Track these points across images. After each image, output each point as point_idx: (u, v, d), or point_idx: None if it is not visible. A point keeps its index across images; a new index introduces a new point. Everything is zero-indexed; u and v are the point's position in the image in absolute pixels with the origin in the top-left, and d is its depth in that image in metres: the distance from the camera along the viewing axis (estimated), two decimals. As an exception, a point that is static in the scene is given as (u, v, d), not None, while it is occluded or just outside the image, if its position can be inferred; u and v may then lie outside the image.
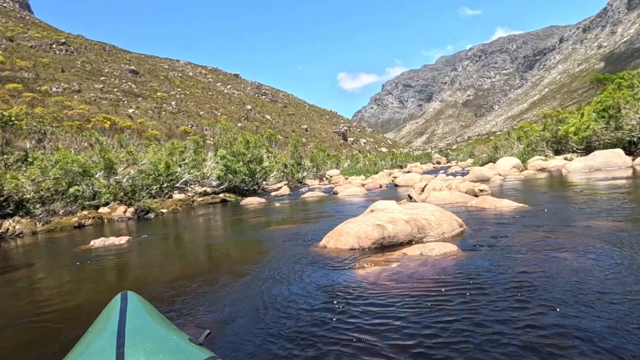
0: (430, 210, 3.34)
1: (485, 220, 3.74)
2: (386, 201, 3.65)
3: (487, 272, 2.18)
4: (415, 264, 2.41)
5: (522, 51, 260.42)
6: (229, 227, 6.11)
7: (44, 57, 48.08)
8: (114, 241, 4.90)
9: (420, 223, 3.11)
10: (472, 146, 55.95)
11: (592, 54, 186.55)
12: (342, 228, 3.22)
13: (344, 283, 2.24)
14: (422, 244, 2.66)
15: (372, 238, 2.95)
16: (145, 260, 3.92)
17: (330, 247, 3.16)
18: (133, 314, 1.04)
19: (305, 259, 2.97)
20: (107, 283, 3.08)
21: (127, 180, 10.64)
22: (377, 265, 2.49)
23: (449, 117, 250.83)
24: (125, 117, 38.76)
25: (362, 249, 2.98)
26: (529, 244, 2.74)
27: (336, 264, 2.68)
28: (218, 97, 70.33)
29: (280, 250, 3.47)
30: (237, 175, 13.05)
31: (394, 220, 3.09)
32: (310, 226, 4.70)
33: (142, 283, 2.94)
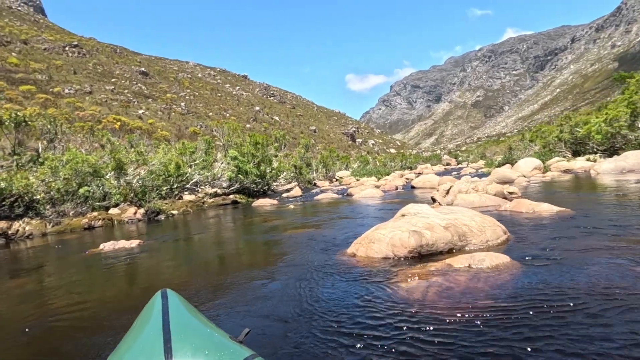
0: (469, 215, 3.03)
1: (528, 226, 3.41)
2: (418, 204, 3.34)
3: (553, 290, 1.87)
4: (465, 278, 2.10)
5: (533, 51, 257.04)
6: (243, 230, 5.86)
7: (56, 60, 48.80)
8: (125, 245, 4.67)
9: (460, 229, 2.80)
10: (483, 147, 55.09)
11: (606, 54, 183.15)
12: (373, 234, 2.92)
13: (385, 299, 1.94)
14: (469, 253, 2.35)
15: (408, 246, 2.65)
16: (157, 266, 3.68)
17: (361, 255, 2.87)
18: (175, 310, 1.05)
19: (335, 269, 2.68)
20: (117, 289, 2.84)
21: (137, 181, 10.49)
22: (419, 278, 2.19)
23: (458, 118, 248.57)
24: (136, 118, 39.06)
25: (397, 258, 2.69)
26: (588, 254, 2.41)
27: (371, 276, 2.39)
28: (227, 98, 70.64)
29: (303, 257, 3.19)
30: (248, 176, 12.83)
31: (431, 226, 2.79)
32: (331, 231, 4.41)
33: (154, 290, 2.70)
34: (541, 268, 2.20)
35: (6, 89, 33.09)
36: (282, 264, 3.08)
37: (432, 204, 5.56)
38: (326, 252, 3.26)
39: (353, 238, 3.66)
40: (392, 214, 5.43)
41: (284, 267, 2.95)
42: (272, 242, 4.30)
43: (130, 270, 3.62)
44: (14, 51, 46.82)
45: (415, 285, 2.09)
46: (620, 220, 3.43)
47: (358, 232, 4.00)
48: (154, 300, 1.14)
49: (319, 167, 22.75)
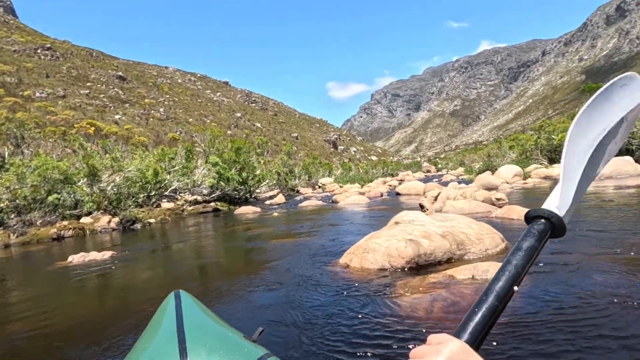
0: (465, 222, 2.91)
1: (521, 232, 3.33)
2: (413, 212, 3.21)
3: (563, 303, 1.75)
4: (470, 290, 1.96)
5: (507, 63, 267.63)
6: (225, 239, 5.57)
7: (27, 62, 46.84)
8: (96, 256, 4.32)
9: (458, 238, 2.67)
10: (461, 155, 56.42)
11: (574, 67, 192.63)
12: (367, 244, 2.75)
13: (388, 317, 1.77)
14: (471, 264, 2.21)
15: (405, 256, 2.50)
16: (131, 280, 3.38)
17: (355, 266, 2.69)
18: (188, 311, 1.04)
19: (327, 282, 2.49)
20: (86, 306, 2.55)
21: (112, 188, 9.98)
22: (422, 291, 2.03)
23: (436, 126, 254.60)
24: (112, 124, 37.82)
25: (394, 269, 2.52)
26: (588, 262, 2.33)
27: (369, 290, 2.21)
28: (207, 104, 69.64)
29: (291, 268, 2.98)
30: (230, 183, 12.49)
31: (428, 235, 2.65)
32: (320, 239, 4.21)
33: (127, 306, 2.42)
34: (546, 279, 2.09)
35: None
36: (269, 276, 2.87)
37: (421, 211, 5.47)
38: (317, 263, 3.07)
39: (344, 247, 3.48)
40: (381, 221, 5.31)
41: (270, 280, 2.74)
42: (256, 252, 4.06)
43: (101, 284, 3.30)
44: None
45: (418, 300, 1.93)
46: (611, 225, 3.42)
47: (349, 240, 3.83)
48: (167, 302, 1.14)
49: (301, 174, 22.55)
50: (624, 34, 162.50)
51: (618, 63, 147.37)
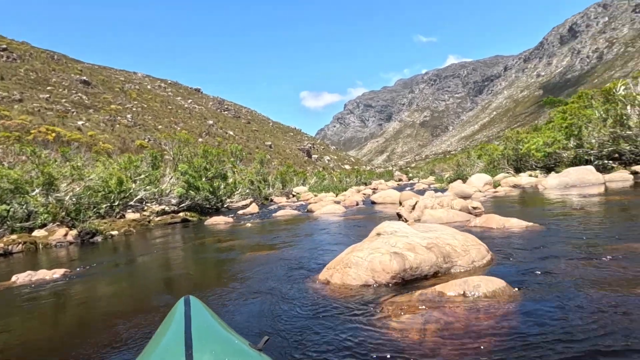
0: (449, 233, 2.80)
1: (505, 243, 3.27)
2: (395, 222, 3.06)
3: (567, 322, 1.64)
4: (463, 309, 1.81)
5: (472, 77, 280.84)
6: (194, 252, 5.21)
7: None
8: (45, 275, 3.85)
9: (444, 250, 2.55)
10: (432, 164, 58.05)
11: (532, 82, 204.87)
12: (348, 258, 2.57)
13: (376, 342, 1.58)
14: (461, 278, 2.08)
15: (390, 271, 2.34)
16: (84, 301, 2.99)
17: (336, 282, 2.49)
18: (197, 317, 1.04)
19: (307, 300, 2.28)
20: (28, 334, 2.18)
21: (70, 198, 9.25)
22: (411, 311, 1.87)
23: (407, 136, 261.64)
24: (74, 130, 35.87)
25: (379, 285, 2.35)
26: (580, 272, 2.27)
27: (353, 309, 2.02)
28: (178, 111, 67.79)
29: (266, 285, 2.74)
30: (200, 192, 11.97)
31: (412, 247, 2.51)
32: (297, 252, 3.98)
33: (76, 332, 2.09)
34: (541, 294, 1.99)
35: None
36: (240, 293, 2.61)
37: (399, 220, 5.37)
38: (294, 279, 2.84)
39: (323, 260, 3.28)
40: (359, 231, 5.16)
41: (242, 298, 2.49)
42: (227, 266, 3.77)
43: (48, 308, 2.90)
44: None
45: (408, 321, 1.76)
46: (591, 233, 3.43)
47: (328, 253, 3.64)
48: (176, 307, 1.14)
49: (276, 183, 22.19)
50: (575, 53, 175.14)
51: (571, 80, 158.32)
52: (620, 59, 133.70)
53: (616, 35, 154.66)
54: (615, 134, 10.45)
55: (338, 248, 3.73)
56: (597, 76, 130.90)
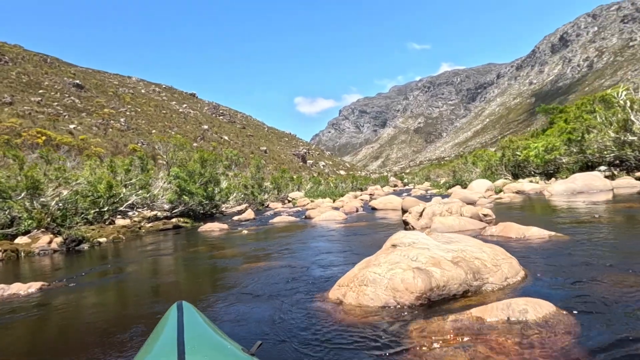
0: (475, 244, 2.49)
1: (532, 256, 2.96)
2: (411, 232, 2.74)
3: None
4: (513, 342, 1.49)
5: (465, 84, 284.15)
6: (185, 263, 4.83)
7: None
8: (19, 289, 3.46)
9: (473, 265, 2.23)
10: (427, 170, 58.06)
11: (525, 90, 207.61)
12: (364, 274, 2.24)
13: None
14: (503, 301, 1.76)
15: (415, 290, 2.01)
16: (59, 325, 2.62)
17: (350, 303, 2.15)
18: (190, 323, 1.04)
19: (318, 326, 1.94)
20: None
21: (56, 203, 8.80)
22: (445, 342, 1.54)
23: (402, 142, 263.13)
24: (65, 133, 35.22)
25: (401, 306, 2.02)
26: (637, 295, 1.96)
27: (374, 339, 1.69)
28: (172, 115, 67.21)
29: (270, 305, 2.39)
30: (194, 197, 11.56)
31: (437, 262, 2.19)
32: (300, 264, 3.64)
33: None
34: (601, 321, 1.67)
35: None
36: (238, 312, 2.27)
37: (405, 227, 5.06)
38: (300, 297, 2.50)
39: (331, 275, 2.95)
40: (365, 240, 4.83)
41: (240, 318, 2.14)
42: (222, 280, 3.41)
43: (18, 329, 2.52)
44: None
45: (444, 356, 1.43)
46: (623, 244, 3.15)
47: (335, 266, 3.30)
48: (169, 313, 1.13)
49: (271, 189, 21.80)
50: (567, 62, 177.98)
51: (562, 87, 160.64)
52: (610, 67, 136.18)
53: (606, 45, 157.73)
54: (619, 140, 10.31)
55: (346, 260, 3.41)
56: (587, 84, 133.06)
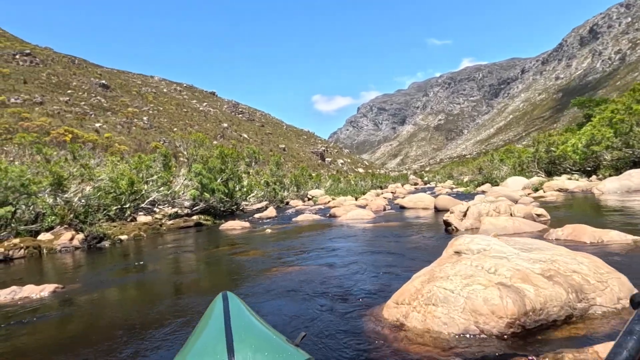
0: (564, 252, 1.99)
1: (624, 267, 2.44)
2: (480, 236, 2.26)
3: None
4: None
5: (488, 80, 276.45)
6: (208, 265, 4.50)
7: (4, 67, 44.86)
8: (32, 292, 3.20)
9: (572, 281, 1.74)
10: (449, 167, 56.53)
11: (551, 85, 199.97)
12: (431, 290, 1.79)
13: None
14: None
15: (504, 314, 1.55)
16: (69, 337, 2.30)
17: (415, 326, 1.71)
18: (235, 312, 1.06)
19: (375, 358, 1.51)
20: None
21: (79, 200, 8.73)
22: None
23: (421, 140, 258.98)
24: (91, 132, 36.20)
25: (487, 335, 1.56)
26: None
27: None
28: (193, 114, 68.26)
29: (308, 325, 1.98)
30: (215, 194, 11.35)
31: (525, 276, 1.71)
32: (337, 270, 3.21)
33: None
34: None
35: (-63, 95, 29.50)
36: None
37: (447, 229, 4.55)
38: (346, 314, 2.08)
39: (379, 286, 2.51)
40: (405, 242, 4.35)
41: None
42: (250, 288, 3.03)
43: (26, 339, 2.22)
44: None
45: None
46: None
47: (380, 274, 2.86)
48: (215, 303, 1.16)
49: (290, 186, 21.51)
50: (597, 55, 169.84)
51: (592, 82, 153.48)
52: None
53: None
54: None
55: (391, 268, 2.96)
56: (619, 78, 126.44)
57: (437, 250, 3.64)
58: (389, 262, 3.28)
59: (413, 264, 3.16)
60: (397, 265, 3.14)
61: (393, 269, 3.01)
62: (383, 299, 2.11)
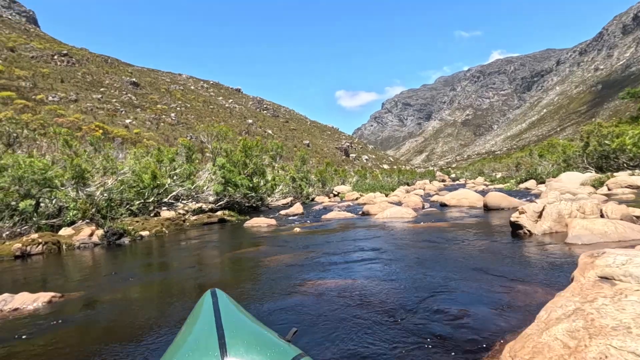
0: None
1: None
2: (635, 252, 1.47)
3: None
4: None
5: (520, 73, 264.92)
6: (230, 273, 3.88)
7: (44, 68, 46.95)
8: (24, 303, 2.68)
9: None
10: (480, 163, 54.11)
11: (589, 77, 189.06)
12: (594, 349, 1.03)
13: None
14: None
15: None
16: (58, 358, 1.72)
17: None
18: (225, 308, 1.04)
19: None
20: None
21: (101, 193, 8.44)
22: None
23: (448, 135, 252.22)
24: (121, 127, 37.14)
25: None
26: None
27: None
28: (219, 110, 69.17)
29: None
30: (239, 189, 10.85)
31: None
32: (396, 292, 2.46)
33: None
34: None
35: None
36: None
37: (521, 233, 3.71)
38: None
39: (454, 312, 1.76)
40: (467, 249, 3.48)
41: None
42: (286, 309, 2.36)
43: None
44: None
45: None
46: None
47: (452, 295, 2.11)
48: (203, 299, 1.12)
49: (316, 182, 20.88)
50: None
51: (636, 73, 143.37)
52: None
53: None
54: None
55: (464, 286, 2.21)
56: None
57: (519, 263, 2.83)
58: (460, 278, 2.51)
59: (496, 283, 2.39)
60: (473, 283, 2.38)
61: (472, 290, 2.25)
62: (475, 343, 1.38)
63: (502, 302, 2.03)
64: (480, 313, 1.85)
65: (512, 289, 2.29)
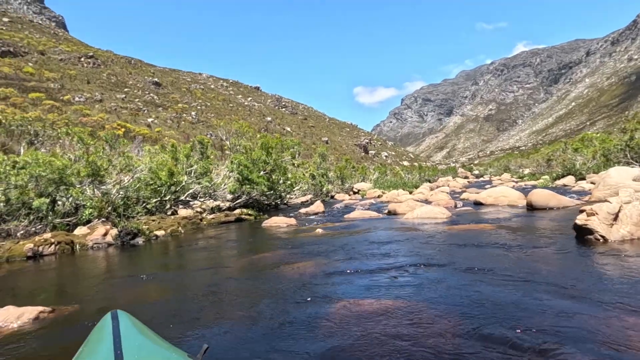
0: None
1: None
2: None
3: None
4: None
5: (547, 65, 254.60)
6: (245, 283, 3.43)
7: (71, 70, 48.44)
8: (6, 320, 2.30)
9: None
10: (506, 159, 52.06)
11: (622, 68, 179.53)
12: None
13: None
14: None
15: None
16: None
17: None
18: (127, 332, 0.97)
19: None
20: None
21: (117, 191, 8.22)
22: None
23: (470, 131, 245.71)
24: (143, 126, 37.78)
25: None
26: None
27: None
28: (238, 108, 69.67)
29: None
30: (257, 187, 10.47)
31: None
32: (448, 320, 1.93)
33: None
34: None
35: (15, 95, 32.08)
36: None
37: (594, 239, 3.08)
38: None
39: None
40: (526, 259, 2.83)
41: None
42: (307, 338, 1.88)
43: None
44: (30, 61, 46.88)
45: None
46: None
47: (530, 325, 1.56)
48: (103, 323, 1.02)
49: (335, 179, 20.35)
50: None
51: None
52: None
53: None
54: None
55: (540, 312, 1.65)
56: None
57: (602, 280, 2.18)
58: (533, 299, 1.93)
59: (582, 308, 1.82)
60: (550, 308, 1.81)
61: (550, 319, 1.68)
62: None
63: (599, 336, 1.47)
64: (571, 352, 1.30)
65: (606, 318, 1.72)
